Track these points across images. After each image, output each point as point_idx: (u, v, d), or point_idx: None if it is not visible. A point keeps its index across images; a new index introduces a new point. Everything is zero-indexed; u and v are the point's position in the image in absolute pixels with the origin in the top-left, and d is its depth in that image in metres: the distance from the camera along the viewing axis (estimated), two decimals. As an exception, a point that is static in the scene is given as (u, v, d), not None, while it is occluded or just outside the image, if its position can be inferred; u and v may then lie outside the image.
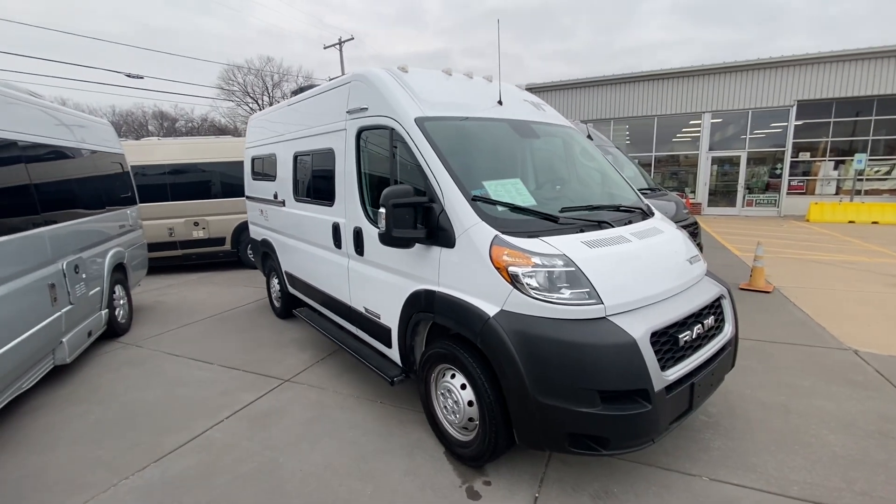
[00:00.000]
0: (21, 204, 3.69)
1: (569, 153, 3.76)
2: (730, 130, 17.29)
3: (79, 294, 4.31)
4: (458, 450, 2.78)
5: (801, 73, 15.66)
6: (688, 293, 2.74)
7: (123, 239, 5.73)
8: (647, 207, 3.47)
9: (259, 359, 4.57)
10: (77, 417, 3.57)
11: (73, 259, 4.28)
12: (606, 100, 18.61)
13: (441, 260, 2.71)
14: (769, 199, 16.88)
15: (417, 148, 2.83)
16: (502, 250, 2.42)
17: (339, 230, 3.74)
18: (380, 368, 3.34)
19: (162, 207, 8.46)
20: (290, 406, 3.59)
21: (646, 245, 2.78)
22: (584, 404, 2.16)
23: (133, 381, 4.16)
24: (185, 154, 8.84)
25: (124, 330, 5.50)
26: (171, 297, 7.29)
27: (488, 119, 3.31)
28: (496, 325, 2.34)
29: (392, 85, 3.15)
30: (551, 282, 2.33)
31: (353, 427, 3.26)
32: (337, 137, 3.69)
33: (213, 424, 3.36)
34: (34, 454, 3.09)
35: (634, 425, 2.20)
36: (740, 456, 2.81)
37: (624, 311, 2.35)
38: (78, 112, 5.48)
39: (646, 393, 2.19)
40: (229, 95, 39.24)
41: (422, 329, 3.10)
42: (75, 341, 4.26)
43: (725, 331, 2.86)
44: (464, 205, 2.59)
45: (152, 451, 3.05)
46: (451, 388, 2.74)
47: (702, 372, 2.53)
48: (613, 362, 2.16)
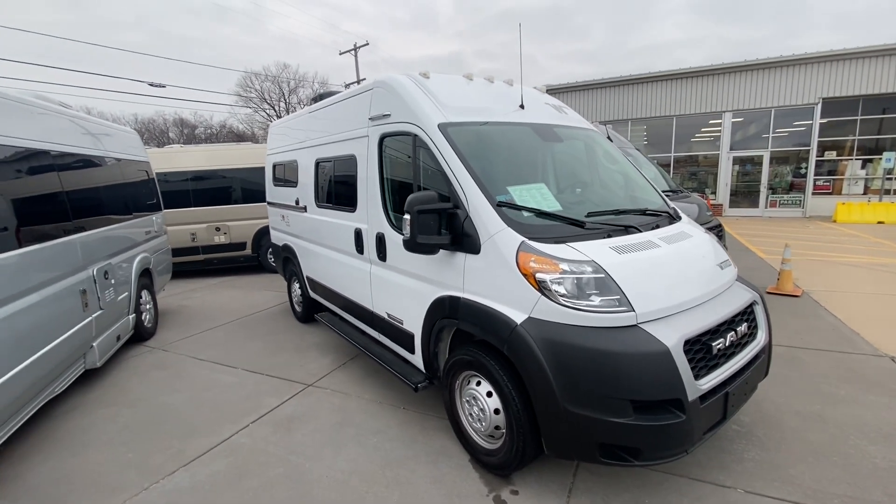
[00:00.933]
0: (54, 212, 3.80)
1: (592, 156, 3.71)
2: (752, 129, 16.90)
3: (108, 299, 4.42)
4: (484, 458, 2.75)
5: (826, 69, 15.24)
6: (719, 299, 2.67)
7: (149, 245, 5.86)
8: (673, 211, 3.41)
9: (281, 363, 4.62)
10: (108, 420, 3.65)
11: (103, 265, 4.39)
12: (624, 100, 18.39)
13: (466, 266, 2.70)
14: (794, 200, 16.43)
15: (441, 154, 2.82)
16: (529, 256, 2.39)
17: (362, 236, 3.76)
18: (403, 374, 3.34)
19: (185, 213, 8.63)
20: (313, 411, 3.61)
21: (675, 250, 2.73)
22: (617, 414, 2.12)
23: (160, 385, 4.24)
24: (207, 161, 9.01)
25: (150, 334, 5.61)
26: (194, 301, 7.42)
27: (511, 123, 3.29)
28: (524, 332, 2.31)
29: (414, 91, 3.16)
30: (580, 289, 2.29)
31: (376, 433, 3.26)
32: (359, 144, 3.71)
33: (239, 429, 3.39)
34: (69, 456, 3.16)
35: (668, 436, 2.14)
36: (776, 467, 2.72)
37: (655, 319, 2.30)
38: (105, 121, 5.64)
39: (679, 403, 2.14)
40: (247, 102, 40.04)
41: (445, 335, 3.09)
42: (105, 345, 4.36)
43: (759, 338, 2.78)
44: (489, 211, 2.57)
45: (181, 455, 3.10)
46: (477, 395, 2.72)
47: (736, 381, 2.46)
48: (646, 371, 2.12)
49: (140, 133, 44.19)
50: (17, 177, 3.42)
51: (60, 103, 4.69)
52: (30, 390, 3.22)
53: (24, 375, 3.08)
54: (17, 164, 3.42)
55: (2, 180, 3.18)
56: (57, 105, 4.47)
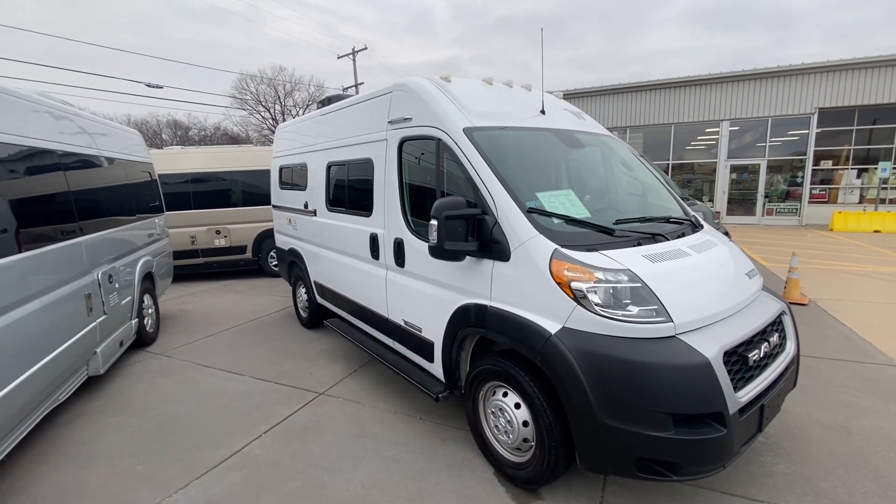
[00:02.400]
0: (60, 213, 3.69)
1: (612, 162, 3.68)
2: (748, 138, 17.07)
3: (112, 304, 4.30)
4: (511, 471, 2.68)
5: (823, 80, 15.45)
6: (750, 309, 2.63)
7: (152, 248, 5.73)
8: (695, 219, 3.37)
9: (289, 370, 4.51)
10: (113, 430, 3.52)
11: (108, 269, 4.27)
12: (622, 108, 18.52)
13: (494, 273, 2.63)
14: (790, 208, 16.59)
15: (467, 159, 2.76)
16: (563, 265, 2.33)
17: (378, 241, 3.68)
18: (422, 384, 3.26)
19: (184, 216, 8.48)
20: (327, 421, 3.52)
21: (705, 259, 2.69)
22: (656, 428, 2.06)
23: (166, 393, 4.12)
24: (208, 163, 8.88)
25: (152, 339, 5.48)
26: (195, 305, 7.28)
27: (534, 129, 3.24)
28: (559, 343, 2.25)
29: (437, 95, 3.10)
30: (616, 298, 2.24)
31: (394, 444, 3.17)
32: (377, 147, 3.64)
33: (251, 440, 3.29)
34: (76, 468, 3.04)
35: (709, 450, 2.09)
36: (807, 481, 2.67)
37: (693, 329, 2.25)
38: (109, 121, 5.52)
39: (721, 416, 2.08)
40: (242, 104, 39.79)
41: (468, 344, 3.01)
42: (108, 351, 4.24)
43: (788, 349, 2.75)
44: (519, 217, 2.51)
45: (193, 467, 2.99)
46: (504, 406, 2.65)
47: (770, 392, 2.42)
48: (688, 384, 2.06)
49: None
50: (23, 176, 3.30)
51: (63, 102, 4.58)
52: (34, 399, 3.09)
53: (29, 384, 2.95)
54: (22, 163, 3.31)
55: (7, 180, 3.07)
56: (59, 103, 4.36)
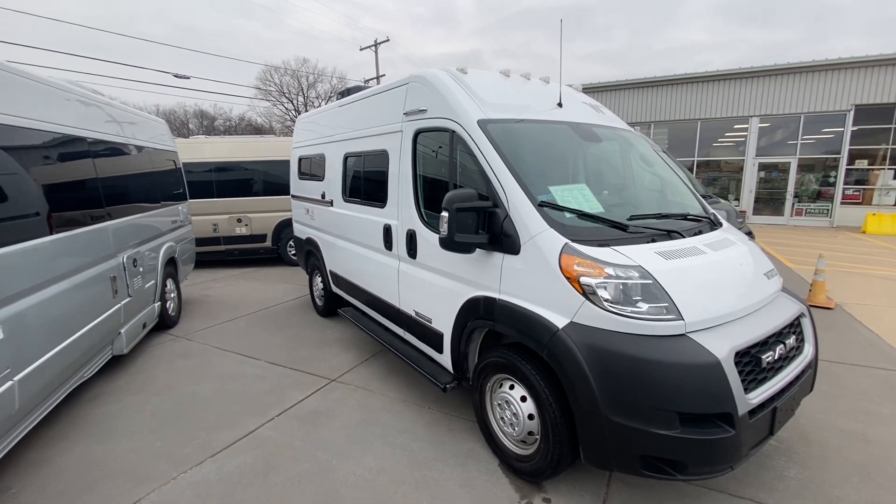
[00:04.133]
0: (89, 198, 3.83)
1: (630, 157, 3.61)
2: (778, 135, 16.47)
3: (136, 287, 4.46)
4: (516, 463, 2.69)
5: (860, 75, 14.76)
6: (767, 310, 2.56)
7: (175, 234, 5.91)
8: (714, 217, 3.30)
9: (304, 357, 4.61)
10: (135, 408, 3.67)
11: (132, 253, 4.43)
12: (647, 102, 18.08)
13: (503, 266, 2.63)
14: (821, 209, 15.99)
15: (480, 151, 2.76)
16: (573, 259, 2.32)
17: (391, 232, 3.71)
18: (431, 374, 3.29)
19: (207, 204, 8.70)
20: (338, 407, 3.59)
21: (721, 257, 2.63)
22: (662, 426, 2.04)
23: (186, 374, 4.27)
24: (231, 152, 9.07)
25: (174, 322, 5.66)
26: (216, 291, 7.48)
27: (550, 122, 3.21)
28: (566, 337, 2.24)
29: (452, 86, 3.10)
30: (626, 294, 2.21)
31: (402, 432, 3.22)
32: (392, 139, 3.66)
33: (264, 422, 3.38)
34: (97, 443, 3.18)
35: (716, 451, 2.06)
36: (819, 487, 2.61)
37: (704, 329, 2.21)
38: (136, 110, 5.68)
39: (729, 417, 2.05)
40: (266, 96, 40.37)
41: (477, 336, 3.03)
42: (132, 333, 4.40)
43: (806, 352, 2.67)
44: (531, 211, 2.50)
45: (208, 446, 3.10)
46: (510, 399, 2.66)
47: (784, 395, 2.36)
48: (696, 383, 2.03)
49: None
50: (53, 162, 3.44)
51: (93, 90, 4.73)
52: (60, 375, 3.25)
53: (56, 360, 3.10)
54: (53, 149, 3.44)
55: (39, 165, 3.20)
56: (90, 92, 4.51)
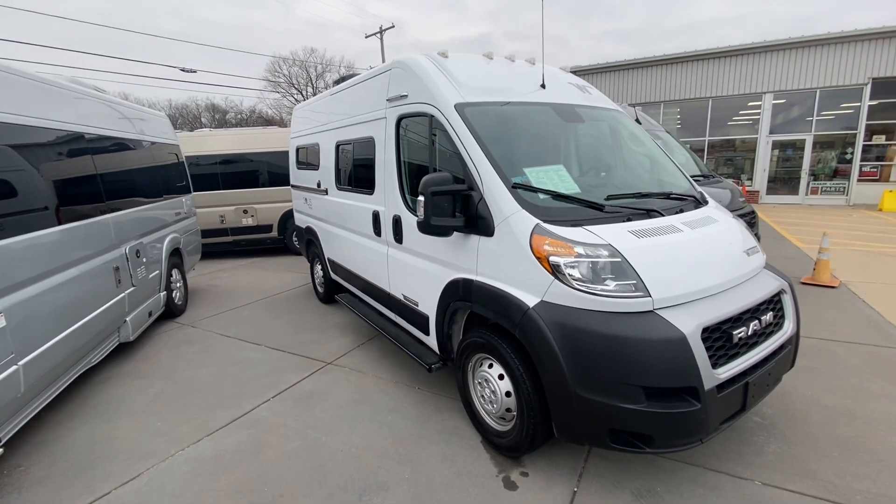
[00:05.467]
0: (89, 192, 3.97)
1: (616, 138, 3.60)
2: (794, 112, 15.98)
3: (140, 277, 4.62)
4: (495, 439, 2.77)
5: (878, 47, 14.16)
6: (744, 287, 2.57)
7: (179, 225, 6.07)
8: (700, 195, 3.28)
9: (303, 341, 4.74)
10: (139, 391, 3.85)
11: (135, 244, 4.58)
12: (657, 81, 17.67)
13: (479, 249, 2.68)
14: (837, 187, 15.54)
15: (457, 134, 2.79)
16: (543, 239, 2.35)
17: (379, 218, 3.78)
18: (418, 356, 3.37)
19: (214, 196, 8.88)
20: (332, 388, 3.71)
21: (698, 235, 2.63)
22: (628, 401, 2.08)
23: (189, 359, 4.44)
24: (236, 144, 9.21)
25: (181, 311, 5.85)
26: (223, 280, 7.68)
27: (530, 103, 3.21)
28: (536, 316, 2.29)
29: (432, 71, 3.12)
30: (595, 273, 2.25)
31: (391, 411, 3.32)
32: (377, 126, 3.70)
33: (260, 403, 3.52)
34: (103, 423, 3.36)
35: (681, 424, 2.10)
36: (798, 461, 2.63)
37: (673, 305, 2.24)
38: (137, 105, 5.82)
39: (695, 391, 2.08)
40: (275, 87, 40.55)
41: (459, 317, 3.09)
42: (137, 320, 4.58)
43: (785, 328, 2.67)
44: (503, 192, 2.54)
45: (206, 426, 3.24)
46: (489, 377, 2.73)
47: (758, 371, 2.38)
48: (661, 358, 2.07)
49: (174, 118, 44.37)
50: (54, 159, 3.57)
51: (95, 87, 4.86)
52: (68, 360, 3.42)
53: (61, 346, 3.26)
54: (53, 146, 3.57)
55: (40, 162, 3.33)
56: (91, 89, 4.64)
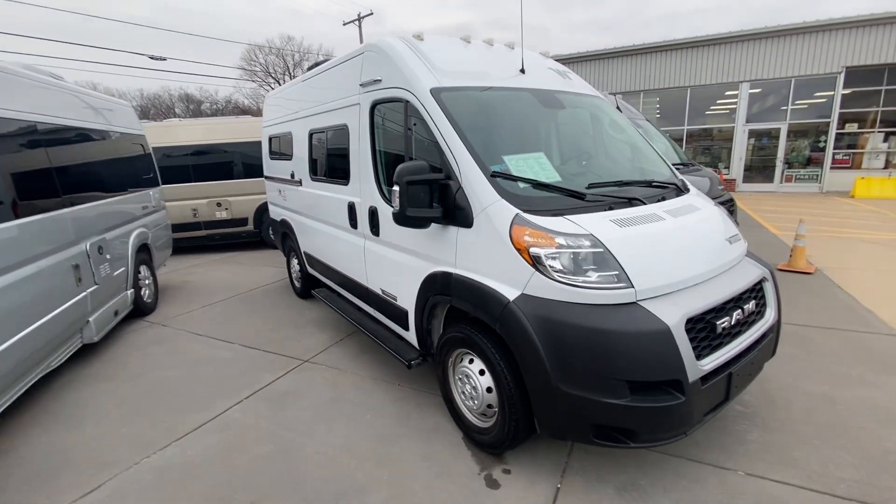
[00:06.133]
0: (42, 186, 3.71)
1: (597, 125, 3.51)
2: (769, 101, 16.25)
3: (103, 274, 4.38)
4: (477, 436, 2.69)
5: (851, 36, 14.45)
6: (727, 276, 2.52)
7: (147, 220, 5.79)
8: (681, 183, 3.22)
9: (279, 339, 4.58)
10: (104, 394, 3.65)
11: (97, 240, 4.33)
12: (636, 70, 17.73)
13: (458, 240, 2.57)
14: (811, 175, 15.91)
15: (433, 120, 2.66)
16: (523, 230, 2.25)
17: (355, 210, 3.63)
18: (397, 352, 3.26)
19: (185, 188, 8.54)
20: (308, 387, 3.58)
21: (681, 224, 2.57)
22: (612, 395, 2.02)
23: (158, 360, 4.24)
24: (207, 135, 8.86)
25: (150, 309, 5.61)
26: (196, 276, 7.42)
27: (509, 89, 3.09)
28: (516, 309, 2.20)
29: (406, 54, 2.97)
30: (577, 264, 2.16)
31: (370, 409, 3.21)
32: (351, 112, 3.54)
33: (232, 404, 3.37)
34: (65, 430, 3.17)
35: (666, 418, 2.04)
36: (780, 449, 2.62)
37: (657, 296, 2.17)
38: (98, 94, 5.50)
39: (679, 384, 2.02)
40: (251, 76, 39.45)
41: (439, 312, 2.99)
42: (102, 320, 4.35)
43: (767, 316, 2.64)
44: (482, 181, 2.42)
45: (174, 430, 3.08)
46: (469, 373, 2.64)
47: (741, 360, 2.34)
48: (645, 351, 2.00)
49: (146, 109, 42.71)
50: (1, 151, 3.31)
51: (52, 74, 4.55)
52: (24, 364, 3.20)
53: (17, 349, 3.05)
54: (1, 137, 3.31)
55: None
56: (47, 76, 4.33)
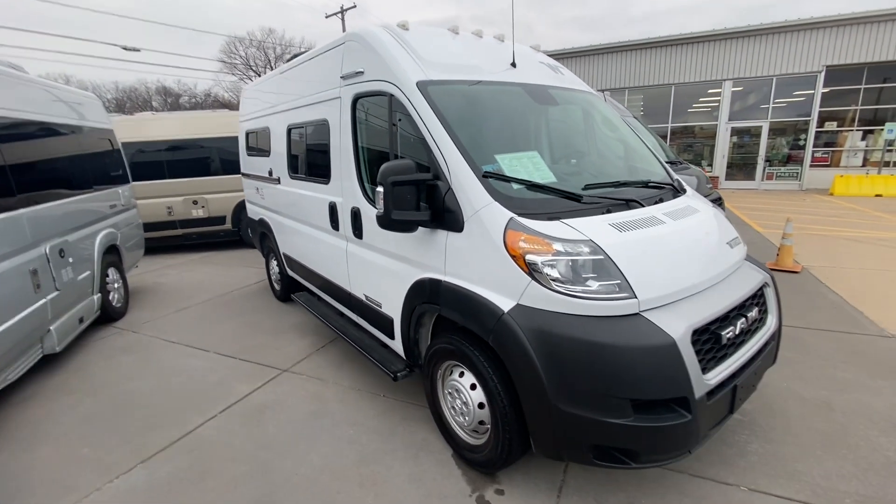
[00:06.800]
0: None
1: (590, 122, 3.37)
2: (751, 99, 16.43)
3: (65, 279, 4.08)
4: (468, 454, 2.53)
5: (831, 35, 14.68)
6: (729, 282, 2.40)
7: (116, 219, 5.47)
8: (677, 183, 3.10)
9: (257, 346, 4.35)
10: (67, 409, 3.38)
11: (58, 242, 4.03)
12: (621, 67, 17.74)
13: (448, 246, 2.39)
14: (791, 172, 16.15)
15: (419, 116, 2.47)
16: (518, 235, 2.09)
17: (336, 210, 3.42)
18: (382, 362, 3.08)
19: (159, 185, 8.17)
20: (287, 399, 3.37)
21: (681, 227, 2.44)
22: (614, 414, 1.87)
23: (126, 370, 3.97)
24: (182, 129, 8.48)
25: (120, 314, 5.30)
26: (170, 278, 7.09)
27: (500, 83, 2.92)
28: (511, 321, 2.04)
29: (390, 44, 2.77)
30: (576, 272, 2.01)
31: (353, 424, 3.03)
32: (331, 107, 3.32)
33: (205, 420, 3.14)
34: (21, 451, 2.91)
35: (671, 437, 1.91)
36: (782, 461, 2.52)
37: (660, 306, 2.03)
38: (62, 86, 5.14)
39: (685, 401, 1.89)
40: (231, 69, 38.47)
41: (427, 321, 2.81)
42: (65, 328, 4.05)
43: (769, 323, 2.53)
44: (473, 182, 2.25)
45: (141, 450, 2.85)
46: (460, 387, 2.47)
47: (744, 372, 2.23)
48: (650, 367, 1.86)
49: (121, 102, 40.95)
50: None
51: (11, 65, 4.21)
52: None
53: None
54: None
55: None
56: (5, 67, 4.00)
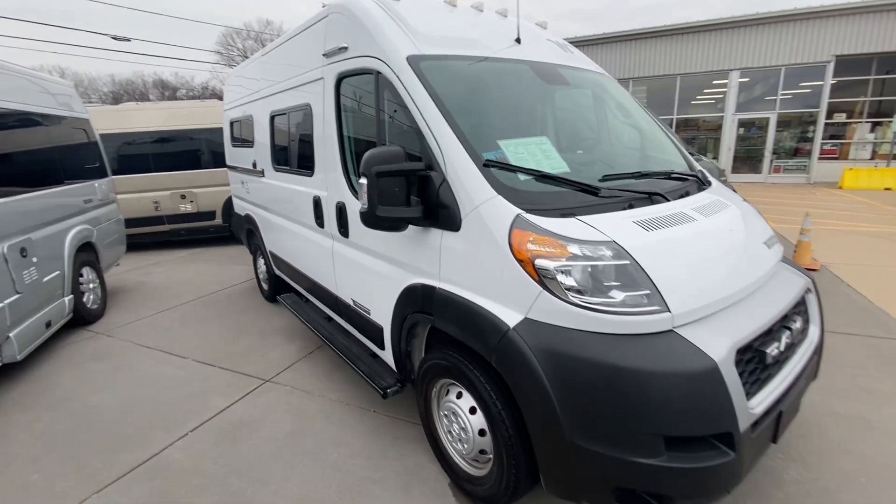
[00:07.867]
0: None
1: (604, 106, 3.02)
2: (757, 90, 16.03)
3: (27, 281, 3.73)
4: (467, 485, 2.21)
5: (841, 24, 14.25)
6: (769, 288, 2.07)
7: (91, 215, 5.11)
8: (701, 174, 2.76)
9: (239, 351, 4.02)
10: (22, 427, 3.06)
11: (18, 241, 3.68)
12: (625, 58, 17.30)
13: (442, 247, 2.05)
14: (799, 165, 15.78)
15: (410, 96, 2.12)
16: (527, 235, 1.75)
17: (321, 205, 3.08)
18: (371, 376, 2.75)
19: (145, 179, 7.80)
20: (267, 415, 3.04)
21: (714, 225, 2.10)
22: (643, 453, 1.54)
23: (93, 380, 3.64)
24: (168, 120, 8.09)
25: (97, 316, 4.96)
26: (155, 276, 6.74)
27: (504, 60, 2.56)
28: (518, 339, 1.70)
29: (378, 15, 2.41)
30: (596, 280, 1.67)
31: (339, 445, 2.70)
32: (313, 89, 2.97)
33: (174, 440, 2.82)
34: (-39, 477, 2.58)
35: (711, 479, 1.58)
36: (824, 492, 2.21)
37: (696, 320, 1.70)
38: (30, 71, 4.75)
39: (729, 437, 1.56)
40: (228, 61, 37.81)
41: (420, 331, 2.48)
42: (27, 335, 3.71)
43: (811, 335, 2.21)
44: (473, 172, 1.91)
45: (98, 476, 2.52)
46: (458, 410, 2.14)
47: (789, 394, 1.90)
48: (688, 397, 1.52)
49: (118, 95, 40.47)
50: None
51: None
52: None
53: None
54: None
55: None
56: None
